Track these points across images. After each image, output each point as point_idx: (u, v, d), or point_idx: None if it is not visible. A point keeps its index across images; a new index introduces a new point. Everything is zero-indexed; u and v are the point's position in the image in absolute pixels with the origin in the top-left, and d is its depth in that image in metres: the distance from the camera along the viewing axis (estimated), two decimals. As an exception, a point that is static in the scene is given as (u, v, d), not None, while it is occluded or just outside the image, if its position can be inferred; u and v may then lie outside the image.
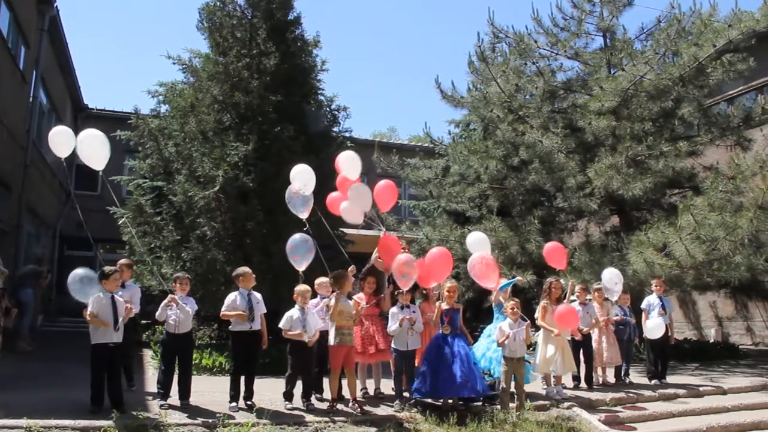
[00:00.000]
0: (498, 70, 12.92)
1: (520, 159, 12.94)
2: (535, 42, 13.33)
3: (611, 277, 8.67)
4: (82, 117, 19.85)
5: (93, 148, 6.73)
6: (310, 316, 7.02)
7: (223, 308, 6.90)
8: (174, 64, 11.93)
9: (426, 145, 17.55)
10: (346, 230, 11.52)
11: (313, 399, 7.06)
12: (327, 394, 7.32)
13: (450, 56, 70.73)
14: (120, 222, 11.39)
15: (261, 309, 6.98)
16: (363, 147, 13.16)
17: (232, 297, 6.92)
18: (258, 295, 7.04)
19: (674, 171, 11.78)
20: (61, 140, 6.80)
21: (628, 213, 12.86)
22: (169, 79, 13.11)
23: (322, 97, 12.49)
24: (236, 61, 10.95)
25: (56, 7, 14.72)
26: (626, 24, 15.86)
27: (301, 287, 7.08)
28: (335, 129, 12.67)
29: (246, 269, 7.13)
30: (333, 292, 7.08)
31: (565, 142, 12.30)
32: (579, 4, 13.35)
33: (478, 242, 8.18)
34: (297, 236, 7.59)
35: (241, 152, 10.25)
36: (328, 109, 12.55)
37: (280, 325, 6.93)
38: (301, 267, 7.52)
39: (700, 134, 12.68)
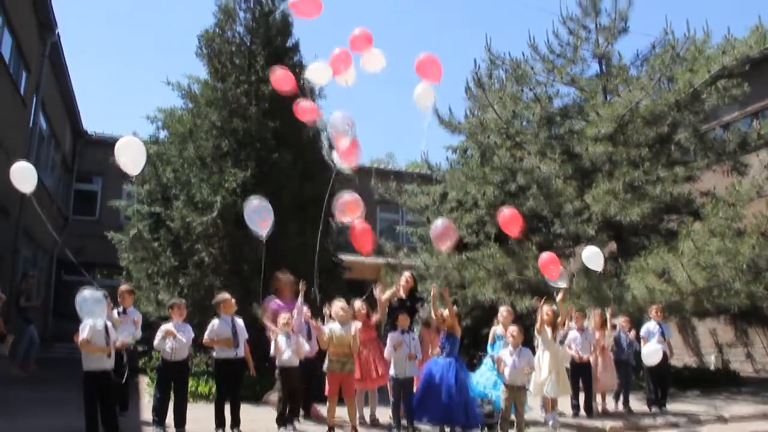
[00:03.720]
0: (495, 96, 13.01)
1: (518, 185, 12.94)
2: (532, 68, 13.46)
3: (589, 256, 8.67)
4: (81, 143, 19.88)
5: (131, 154, 6.83)
6: (295, 339, 7.03)
7: (206, 335, 6.84)
8: (173, 90, 12.02)
9: (423, 171, 17.59)
10: (344, 257, 11.50)
11: (295, 423, 7.09)
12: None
13: (448, 82, 71.18)
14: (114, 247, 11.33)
15: (244, 335, 6.94)
16: (361, 173, 13.14)
17: (215, 324, 6.87)
18: (240, 322, 7.01)
19: (671, 196, 11.79)
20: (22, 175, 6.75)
21: (626, 239, 12.83)
22: (168, 105, 13.18)
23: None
24: (235, 87, 10.99)
25: (57, 33, 14.85)
26: (621, 50, 16.04)
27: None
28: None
29: (226, 295, 7.09)
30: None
31: (563, 168, 12.32)
32: (575, 31, 13.49)
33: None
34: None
35: (239, 178, 10.24)
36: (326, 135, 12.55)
37: (271, 354, 6.91)
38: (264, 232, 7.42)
39: (696, 159, 12.71)
